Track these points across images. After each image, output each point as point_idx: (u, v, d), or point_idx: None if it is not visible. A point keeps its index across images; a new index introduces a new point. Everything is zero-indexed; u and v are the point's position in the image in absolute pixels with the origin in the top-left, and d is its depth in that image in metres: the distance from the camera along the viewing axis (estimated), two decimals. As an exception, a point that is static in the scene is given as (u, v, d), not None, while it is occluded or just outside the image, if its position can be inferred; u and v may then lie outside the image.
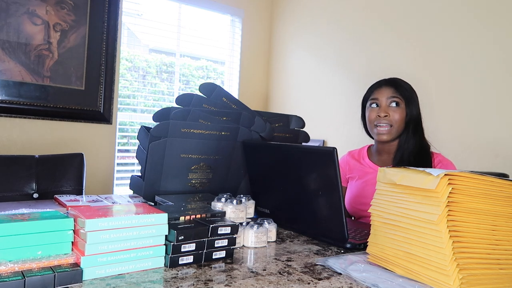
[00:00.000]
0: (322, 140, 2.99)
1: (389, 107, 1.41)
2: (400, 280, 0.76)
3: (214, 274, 0.77)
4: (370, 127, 1.47)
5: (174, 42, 3.14)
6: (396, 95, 1.41)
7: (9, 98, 2.39)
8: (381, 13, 2.64)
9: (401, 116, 1.41)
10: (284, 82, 3.40)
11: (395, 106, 1.41)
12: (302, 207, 1.12)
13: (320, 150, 1.08)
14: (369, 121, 1.46)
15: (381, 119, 1.41)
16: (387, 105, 1.41)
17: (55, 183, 1.68)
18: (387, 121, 1.41)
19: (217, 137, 1.26)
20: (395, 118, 1.40)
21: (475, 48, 2.14)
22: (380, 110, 1.42)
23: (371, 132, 1.49)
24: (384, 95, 1.42)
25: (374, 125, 1.44)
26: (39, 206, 1.05)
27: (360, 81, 2.75)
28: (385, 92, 1.42)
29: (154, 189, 1.22)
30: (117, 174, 2.89)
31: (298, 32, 3.28)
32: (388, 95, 1.42)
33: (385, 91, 1.43)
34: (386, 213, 0.83)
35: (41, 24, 2.47)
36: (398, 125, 1.41)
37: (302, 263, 0.86)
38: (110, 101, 2.72)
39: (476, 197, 0.73)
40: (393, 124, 1.41)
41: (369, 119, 1.46)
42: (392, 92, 1.42)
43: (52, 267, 0.67)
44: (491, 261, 0.74)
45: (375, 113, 1.43)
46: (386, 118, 1.41)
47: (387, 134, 1.41)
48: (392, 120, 1.40)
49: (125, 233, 0.74)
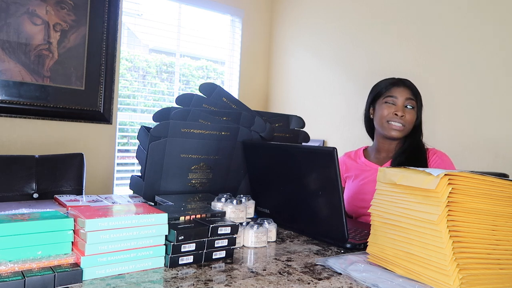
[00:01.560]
0: (322, 140, 2.99)
1: (405, 108, 1.43)
2: (400, 280, 0.76)
3: (214, 274, 0.77)
4: (381, 122, 1.46)
5: (174, 42, 3.14)
6: (413, 97, 1.44)
7: (9, 98, 2.39)
8: (381, 13, 2.64)
9: (413, 118, 1.44)
10: (284, 82, 3.40)
11: (410, 108, 1.43)
12: (302, 207, 1.12)
13: (320, 150, 1.08)
14: (382, 116, 1.45)
15: (396, 118, 1.42)
16: (403, 106, 1.43)
17: (55, 183, 1.68)
18: (402, 121, 1.42)
19: (217, 137, 1.26)
20: (409, 120, 1.43)
21: (475, 48, 2.14)
22: (397, 109, 1.43)
23: (380, 126, 1.47)
24: (403, 95, 1.43)
25: (387, 121, 1.44)
26: (39, 206, 1.05)
27: (360, 81, 2.75)
28: (404, 92, 1.44)
29: (154, 189, 1.22)
30: (117, 174, 2.89)
31: (298, 32, 3.28)
32: (406, 96, 1.43)
33: (404, 91, 1.44)
34: (386, 213, 0.83)
35: (41, 24, 2.47)
36: (410, 127, 1.44)
37: (302, 263, 0.86)
38: (110, 101, 2.72)
39: (476, 197, 0.73)
40: (406, 125, 1.43)
41: (383, 115, 1.45)
42: (410, 94, 1.44)
43: (52, 267, 0.67)
44: (491, 261, 0.74)
45: (392, 110, 1.43)
46: (402, 118, 1.42)
47: (400, 132, 1.43)
48: (406, 121, 1.43)
49: (125, 233, 0.74)
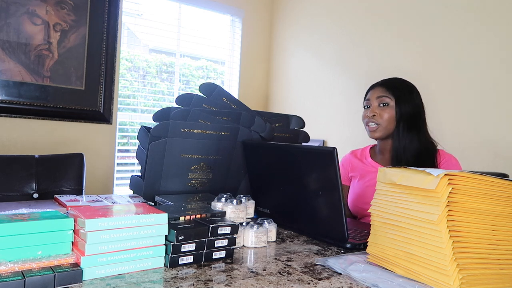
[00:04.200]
0: (322, 140, 2.99)
1: (378, 107, 1.46)
2: (400, 280, 0.76)
3: (214, 274, 0.77)
4: (364, 126, 1.52)
5: (174, 42, 3.14)
6: (385, 94, 1.45)
7: (9, 98, 2.39)
8: (381, 12, 2.64)
9: (389, 114, 1.44)
10: (284, 82, 3.40)
11: (382, 106, 1.45)
12: (302, 207, 1.11)
13: (320, 150, 1.08)
14: (362, 120, 1.52)
15: (370, 119, 1.46)
16: (377, 105, 1.46)
17: (55, 183, 1.68)
18: (374, 120, 1.45)
19: (217, 137, 1.26)
20: (382, 118, 1.44)
21: (475, 48, 2.14)
22: (369, 110, 1.47)
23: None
24: (374, 96, 1.47)
25: (366, 125, 1.49)
26: (39, 206, 1.05)
27: (360, 81, 2.75)
28: (375, 92, 1.47)
29: (154, 189, 1.22)
30: (117, 174, 2.89)
31: (298, 32, 3.28)
32: (377, 95, 1.46)
33: (375, 91, 1.47)
34: (386, 213, 0.83)
35: (41, 24, 2.47)
36: (386, 124, 1.44)
37: (302, 263, 0.86)
38: (110, 101, 2.72)
39: (476, 197, 0.73)
40: (380, 123, 1.44)
41: (362, 119, 1.52)
42: (381, 92, 1.46)
43: (52, 267, 0.67)
44: (491, 261, 0.74)
45: (365, 113, 1.49)
46: (374, 118, 1.45)
47: (375, 132, 1.46)
48: (379, 119, 1.44)
49: (125, 233, 0.74)
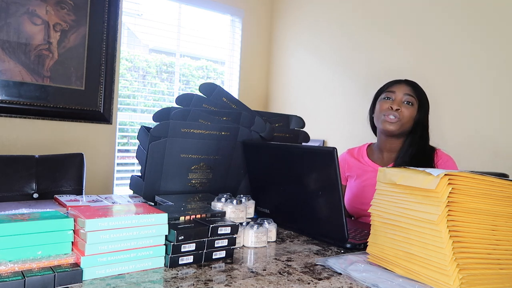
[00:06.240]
0: (322, 140, 2.99)
1: (402, 103, 1.42)
2: (400, 280, 0.76)
3: (214, 274, 0.77)
4: (377, 116, 1.46)
5: (174, 42, 3.14)
6: (412, 94, 1.43)
7: (9, 98, 2.39)
8: (381, 13, 2.64)
9: (411, 114, 1.42)
10: (284, 82, 3.40)
11: (408, 104, 1.42)
12: (302, 207, 1.11)
13: (320, 150, 1.08)
14: (379, 110, 1.46)
15: (391, 111, 1.41)
16: (401, 101, 1.43)
17: (55, 183, 1.68)
18: (397, 114, 1.41)
19: (217, 137, 1.26)
20: (405, 114, 1.41)
21: (475, 48, 2.14)
22: (393, 103, 1.42)
23: (377, 120, 1.47)
24: (401, 91, 1.44)
25: (383, 115, 1.43)
26: (39, 206, 1.05)
27: (360, 81, 2.75)
28: (403, 88, 1.44)
29: (154, 189, 1.22)
30: (117, 174, 2.89)
31: (298, 32, 3.28)
32: (405, 92, 1.43)
33: (403, 87, 1.44)
34: (386, 213, 0.83)
35: (41, 24, 2.47)
36: (406, 121, 1.42)
37: (302, 263, 0.86)
38: (110, 101, 2.72)
39: (476, 197, 0.73)
40: (401, 119, 1.41)
41: (380, 109, 1.45)
42: (409, 90, 1.44)
43: (52, 267, 0.67)
44: (491, 261, 0.74)
45: (388, 104, 1.43)
46: (397, 112, 1.41)
47: (393, 124, 1.41)
48: (402, 116, 1.41)
49: (125, 233, 0.74)
